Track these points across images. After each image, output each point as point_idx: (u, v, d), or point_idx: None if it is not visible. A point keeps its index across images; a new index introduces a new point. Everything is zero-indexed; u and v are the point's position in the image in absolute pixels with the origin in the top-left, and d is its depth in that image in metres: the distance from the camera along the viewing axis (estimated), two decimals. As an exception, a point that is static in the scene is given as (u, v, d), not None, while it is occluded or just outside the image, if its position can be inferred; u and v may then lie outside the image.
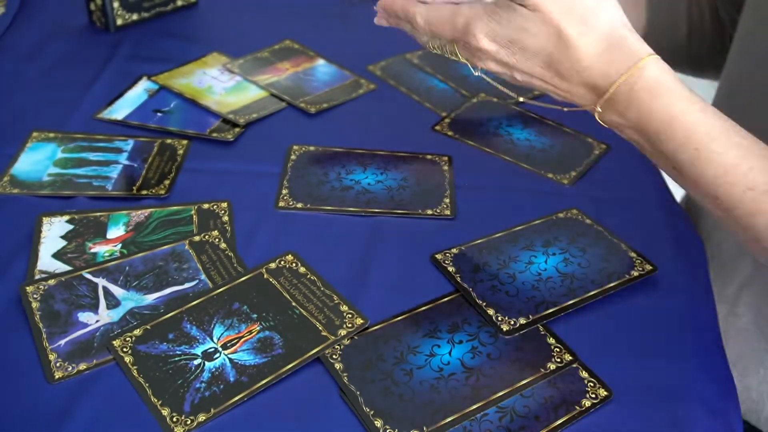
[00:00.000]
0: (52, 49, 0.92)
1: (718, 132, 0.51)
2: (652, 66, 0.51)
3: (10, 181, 0.71)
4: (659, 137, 0.52)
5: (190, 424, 0.51)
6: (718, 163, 0.51)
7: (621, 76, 0.51)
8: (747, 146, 0.51)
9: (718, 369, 0.59)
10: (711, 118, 0.51)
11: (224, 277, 0.62)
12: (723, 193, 0.52)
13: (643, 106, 0.52)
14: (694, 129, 0.51)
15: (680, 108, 0.51)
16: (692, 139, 0.51)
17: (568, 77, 0.53)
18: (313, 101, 0.84)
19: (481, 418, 0.53)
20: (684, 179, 0.53)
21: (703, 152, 0.51)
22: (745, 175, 0.50)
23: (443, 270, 0.64)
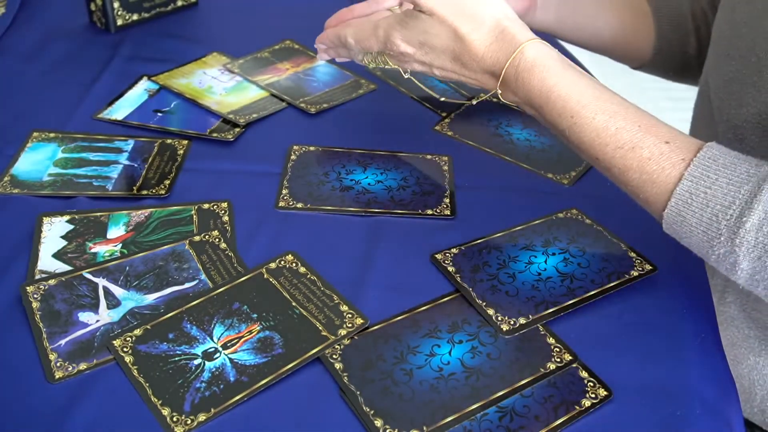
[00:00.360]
0: (52, 49, 0.92)
1: (589, 100, 0.58)
2: (530, 49, 0.60)
3: (11, 181, 0.71)
4: (543, 110, 0.60)
5: (191, 424, 0.51)
6: (591, 127, 0.58)
7: (507, 61, 0.60)
8: (615, 110, 0.58)
9: (718, 369, 0.59)
10: (582, 88, 0.59)
11: (224, 277, 0.62)
12: (600, 154, 0.58)
13: (526, 83, 0.60)
14: (567, 99, 0.59)
15: (554, 82, 0.59)
16: (567, 108, 0.59)
17: (471, 67, 0.63)
18: (313, 101, 0.84)
19: (481, 418, 0.53)
20: (571, 146, 0.61)
21: (577, 119, 0.58)
22: (614, 135, 0.57)
23: (443, 270, 0.64)
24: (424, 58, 0.65)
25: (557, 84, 0.59)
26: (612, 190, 0.74)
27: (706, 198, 0.54)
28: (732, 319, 0.73)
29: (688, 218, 0.55)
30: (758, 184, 0.53)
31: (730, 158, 0.55)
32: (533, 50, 0.60)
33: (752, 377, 0.72)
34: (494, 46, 0.61)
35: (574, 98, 0.59)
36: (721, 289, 0.74)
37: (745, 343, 0.72)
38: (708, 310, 0.63)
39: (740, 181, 0.53)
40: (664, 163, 0.56)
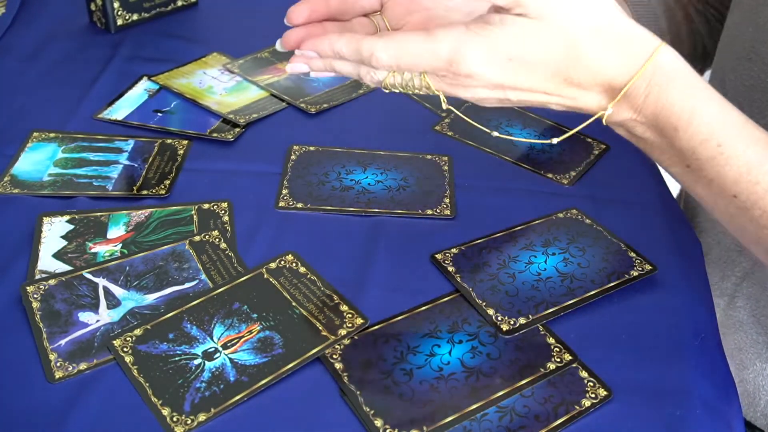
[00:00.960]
0: (53, 49, 0.92)
1: (740, 126, 0.47)
2: (666, 55, 0.47)
3: (11, 181, 0.71)
4: (677, 133, 0.48)
5: (191, 424, 0.51)
6: (743, 161, 0.47)
7: (638, 70, 0.47)
8: (766, 141, 0.47)
9: (718, 369, 0.59)
10: (731, 110, 0.48)
11: (224, 277, 0.62)
12: (743, 191, 0.48)
13: (661, 99, 0.48)
14: (716, 123, 0.47)
15: (701, 99, 0.47)
16: (715, 135, 0.47)
17: (580, 82, 0.49)
18: (313, 101, 0.84)
19: (481, 418, 0.53)
20: (697, 177, 0.49)
21: (726, 149, 0.47)
22: (766, 175, 0.47)
23: (443, 270, 0.64)
24: (504, 80, 0.49)
25: (706, 103, 0.47)
26: (612, 190, 0.74)
27: None
28: (741, 323, 0.73)
29: None
30: None
31: None
32: (671, 57, 0.47)
33: (758, 382, 0.72)
34: (615, 50, 0.48)
35: (725, 123, 0.47)
36: (730, 293, 0.73)
37: (753, 348, 0.72)
38: (708, 310, 0.63)
39: None
40: None
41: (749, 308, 0.72)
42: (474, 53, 0.48)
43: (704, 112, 0.47)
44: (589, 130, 0.82)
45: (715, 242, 0.76)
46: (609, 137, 0.80)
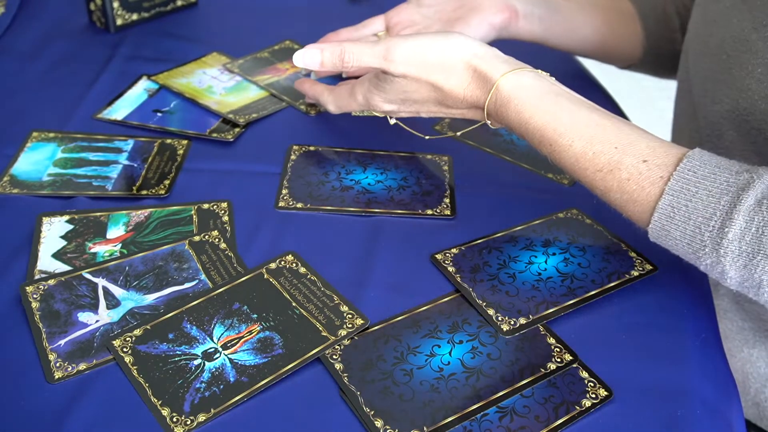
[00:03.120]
0: (52, 49, 0.92)
1: (565, 128, 0.59)
2: (504, 84, 0.62)
3: (10, 181, 0.71)
4: (525, 138, 0.62)
5: (190, 424, 0.51)
6: (570, 154, 0.59)
7: (486, 98, 0.63)
8: (591, 134, 0.59)
9: (718, 369, 0.59)
10: (558, 115, 0.60)
11: (224, 277, 0.62)
12: (581, 178, 0.60)
13: (504, 117, 0.62)
14: (544, 129, 0.60)
15: (529, 114, 0.60)
16: (545, 138, 0.60)
17: (457, 107, 0.66)
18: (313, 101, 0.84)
19: (481, 418, 0.53)
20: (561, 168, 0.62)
21: (555, 146, 0.60)
22: (591, 160, 0.59)
23: (443, 270, 0.64)
24: (409, 109, 0.68)
25: (533, 116, 0.60)
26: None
27: (687, 211, 0.55)
28: (725, 311, 0.74)
29: (672, 232, 0.56)
30: (737, 193, 0.53)
31: (710, 168, 0.55)
32: (507, 85, 0.62)
33: (746, 370, 0.72)
34: (472, 85, 0.63)
35: (550, 127, 0.60)
36: (713, 282, 0.74)
37: (739, 335, 0.73)
38: (708, 309, 0.63)
39: (720, 191, 0.54)
40: (644, 183, 0.57)
41: (731, 295, 0.73)
42: (378, 99, 0.68)
43: (535, 123, 0.60)
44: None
45: None
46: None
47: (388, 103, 0.68)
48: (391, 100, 0.67)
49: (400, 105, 0.68)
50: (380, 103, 0.68)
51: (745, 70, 0.65)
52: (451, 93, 0.64)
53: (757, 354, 0.72)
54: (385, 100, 0.68)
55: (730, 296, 0.73)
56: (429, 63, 0.64)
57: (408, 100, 0.67)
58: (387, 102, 0.68)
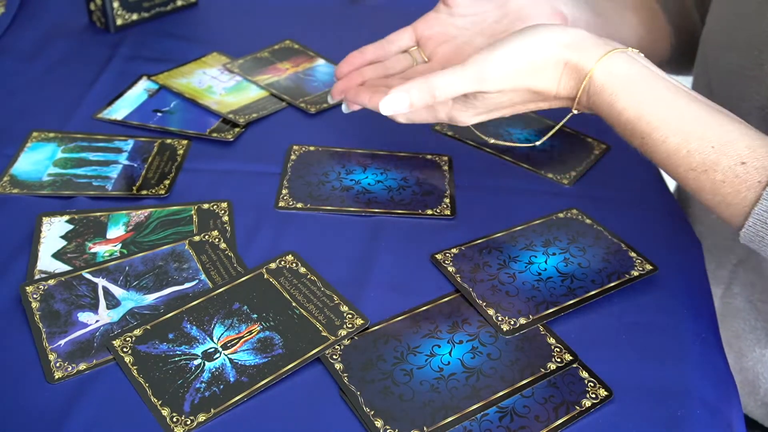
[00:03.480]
0: (52, 49, 0.92)
1: (659, 121, 0.57)
2: (598, 73, 0.59)
3: (10, 181, 0.71)
4: (616, 129, 0.60)
5: (190, 425, 0.51)
6: (662, 149, 0.57)
7: (579, 90, 0.60)
8: (688, 130, 0.56)
9: (718, 369, 0.59)
10: (652, 108, 0.57)
11: (224, 277, 0.62)
12: (673, 174, 0.58)
13: (597, 106, 0.60)
14: (636, 122, 0.58)
15: (622, 105, 0.58)
16: (636, 130, 0.58)
17: (548, 102, 0.63)
18: (313, 101, 0.84)
19: (481, 418, 0.53)
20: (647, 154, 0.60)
21: (647, 140, 0.58)
22: (685, 158, 0.56)
23: (443, 270, 0.64)
24: (497, 115, 0.65)
25: (626, 107, 0.58)
26: (612, 190, 0.74)
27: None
28: (738, 310, 0.73)
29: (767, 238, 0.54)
30: None
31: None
32: (601, 74, 0.59)
33: (757, 370, 0.72)
34: (564, 79, 0.61)
35: (644, 120, 0.57)
36: (727, 281, 0.74)
37: (752, 334, 0.72)
38: (708, 309, 0.63)
39: None
40: (740, 186, 0.54)
41: (745, 295, 0.73)
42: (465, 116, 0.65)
43: (628, 114, 0.58)
44: (589, 130, 0.82)
45: (709, 231, 0.76)
46: (609, 137, 0.80)
47: (477, 116, 0.65)
48: (480, 113, 0.64)
49: (489, 114, 0.65)
50: (469, 118, 0.64)
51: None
52: (545, 92, 0.61)
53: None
54: (474, 114, 0.64)
55: (743, 296, 0.73)
56: (522, 70, 0.60)
57: (498, 108, 0.64)
58: (476, 116, 0.64)
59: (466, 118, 0.64)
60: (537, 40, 0.60)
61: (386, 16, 1.01)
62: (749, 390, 0.73)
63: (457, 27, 0.72)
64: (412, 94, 0.61)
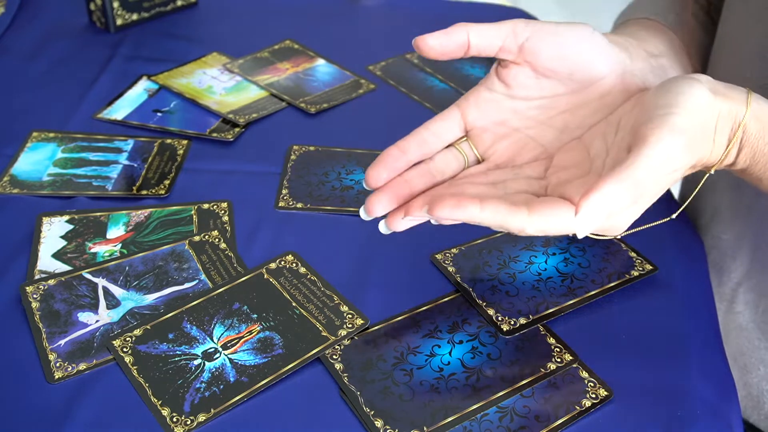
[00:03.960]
0: (52, 49, 0.92)
1: None
2: (752, 120, 0.49)
3: (10, 181, 0.71)
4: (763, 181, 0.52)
5: (190, 425, 0.51)
6: None
7: (728, 147, 0.49)
8: None
9: (718, 369, 0.59)
10: None
11: (224, 277, 0.62)
12: None
13: (753, 157, 0.50)
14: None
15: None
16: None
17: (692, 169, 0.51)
18: (313, 101, 0.84)
19: (481, 418, 0.53)
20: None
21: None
22: None
23: (443, 270, 0.64)
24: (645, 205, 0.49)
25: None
26: (612, 190, 0.74)
27: None
28: (741, 328, 0.73)
29: None
30: None
31: None
32: (755, 116, 0.49)
33: (762, 386, 0.72)
34: (718, 135, 0.49)
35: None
36: (729, 297, 0.73)
37: (755, 353, 0.72)
38: (709, 310, 0.63)
39: None
40: None
41: (748, 313, 0.72)
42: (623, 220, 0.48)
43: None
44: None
45: (712, 246, 0.76)
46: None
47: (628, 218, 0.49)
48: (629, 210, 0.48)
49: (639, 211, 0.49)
50: (625, 224, 0.49)
51: None
52: (700, 156, 0.49)
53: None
54: (629, 216, 0.48)
55: (747, 314, 0.73)
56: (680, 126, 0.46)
57: (645, 196, 0.47)
58: (628, 219, 0.49)
59: (625, 225, 0.49)
60: (695, 99, 0.47)
61: (386, 16, 1.01)
62: (753, 404, 0.73)
63: (516, 113, 0.54)
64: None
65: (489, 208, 0.45)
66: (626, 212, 0.47)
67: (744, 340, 0.72)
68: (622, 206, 0.43)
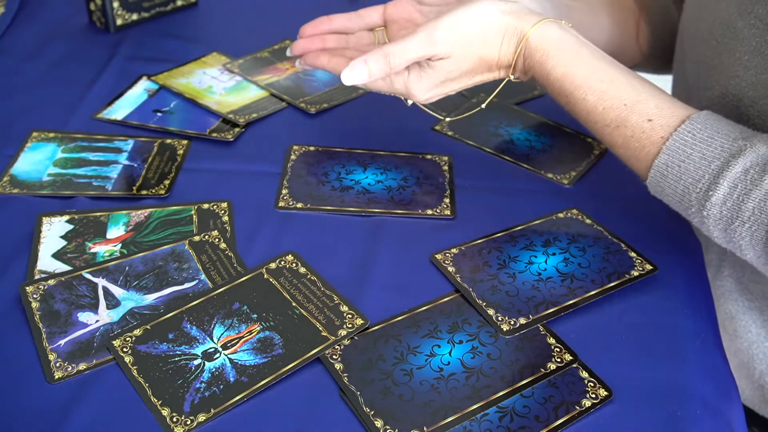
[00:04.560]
0: (52, 49, 0.92)
1: (581, 80, 0.62)
2: (533, 36, 0.63)
3: (10, 181, 0.71)
4: (546, 89, 0.65)
5: (190, 424, 0.51)
6: (582, 106, 0.63)
7: (516, 52, 0.64)
8: (604, 89, 0.61)
9: (718, 369, 0.59)
10: (577, 68, 0.62)
11: (224, 277, 0.62)
12: (592, 131, 0.64)
13: (529, 68, 0.64)
14: (562, 81, 0.63)
15: (551, 65, 0.63)
16: (563, 89, 0.63)
17: (491, 71, 0.66)
18: (313, 101, 0.84)
19: (481, 418, 0.53)
20: (573, 112, 0.65)
21: (570, 98, 0.63)
22: (601, 114, 0.62)
23: (443, 270, 0.64)
24: (445, 90, 0.67)
25: (554, 67, 0.63)
26: (612, 190, 0.74)
27: (679, 171, 0.58)
28: (730, 292, 0.73)
29: (666, 189, 0.60)
30: (728, 159, 0.56)
31: (709, 132, 0.58)
32: (535, 37, 0.63)
33: (752, 351, 0.72)
34: (504, 45, 0.64)
35: (568, 80, 0.62)
36: (716, 263, 0.74)
37: (746, 315, 0.72)
38: (708, 310, 0.63)
39: (712, 156, 0.57)
40: (645, 141, 0.60)
41: (736, 276, 0.73)
42: (420, 90, 0.66)
43: (556, 74, 0.63)
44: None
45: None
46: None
47: (431, 89, 0.67)
48: (433, 85, 0.66)
49: (442, 86, 0.67)
50: (423, 92, 0.67)
51: (733, 57, 0.66)
52: (488, 58, 0.65)
53: (765, 334, 0.71)
54: (426, 88, 0.66)
55: (734, 277, 0.73)
56: (468, 34, 0.64)
57: (449, 80, 0.66)
58: (430, 89, 0.66)
59: (421, 93, 0.66)
60: (481, 9, 0.64)
61: (386, 16, 1.01)
62: (744, 373, 0.73)
63: (422, 14, 0.76)
64: (371, 65, 0.64)
65: (371, 57, 0.64)
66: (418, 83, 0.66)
67: (733, 304, 0.73)
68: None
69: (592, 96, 0.62)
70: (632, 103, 0.60)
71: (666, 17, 0.85)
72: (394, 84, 0.67)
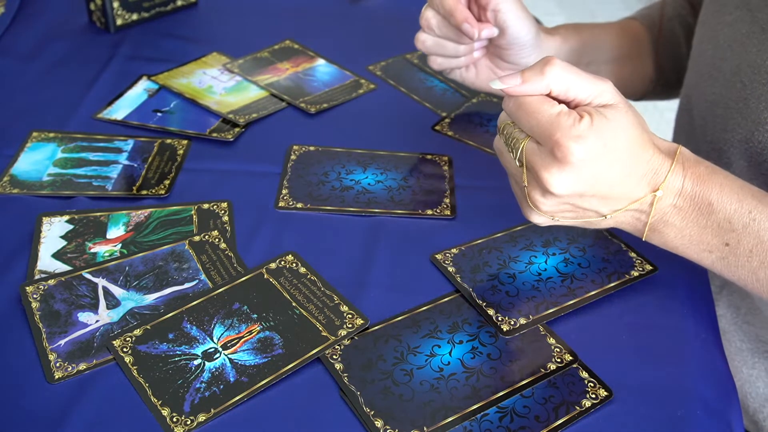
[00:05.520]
0: (52, 49, 0.92)
1: (760, 193, 0.54)
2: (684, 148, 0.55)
3: (10, 181, 0.71)
4: (712, 207, 0.54)
5: (190, 425, 0.51)
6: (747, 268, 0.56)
7: (671, 165, 0.54)
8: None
9: (717, 369, 0.59)
10: (746, 182, 0.55)
11: (224, 277, 0.62)
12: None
13: (694, 183, 0.54)
14: (741, 194, 0.54)
15: (722, 177, 0.54)
16: (744, 204, 0.54)
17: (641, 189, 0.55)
18: (313, 101, 0.84)
19: (481, 418, 0.53)
20: (737, 254, 0.56)
21: (756, 214, 0.54)
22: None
23: (443, 270, 0.64)
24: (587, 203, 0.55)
25: (727, 180, 0.55)
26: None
27: None
28: (724, 332, 0.73)
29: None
30: None
31: None
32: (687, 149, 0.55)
33: (745, 390, 0.72)
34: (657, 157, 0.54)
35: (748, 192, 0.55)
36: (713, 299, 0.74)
37: (738, 356, 0.72)
38: (708, 310, 0.63)
39: None
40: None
41: (730, 316, 0.73)
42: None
43: (727, 187, 0.54)
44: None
45: None
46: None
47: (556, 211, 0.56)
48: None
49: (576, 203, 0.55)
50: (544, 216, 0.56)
51: (762, 103, 0.63)
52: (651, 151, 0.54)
53: (756, 374, 0.71)
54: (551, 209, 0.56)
55: (728, 317, 0.73)
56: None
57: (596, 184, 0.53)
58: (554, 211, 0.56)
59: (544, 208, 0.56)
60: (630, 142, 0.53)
61: (386, 16, 1.01)
62: None
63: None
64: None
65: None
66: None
67: (727, 344, 0.73)
68: None
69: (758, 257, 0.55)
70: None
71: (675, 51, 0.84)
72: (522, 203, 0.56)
